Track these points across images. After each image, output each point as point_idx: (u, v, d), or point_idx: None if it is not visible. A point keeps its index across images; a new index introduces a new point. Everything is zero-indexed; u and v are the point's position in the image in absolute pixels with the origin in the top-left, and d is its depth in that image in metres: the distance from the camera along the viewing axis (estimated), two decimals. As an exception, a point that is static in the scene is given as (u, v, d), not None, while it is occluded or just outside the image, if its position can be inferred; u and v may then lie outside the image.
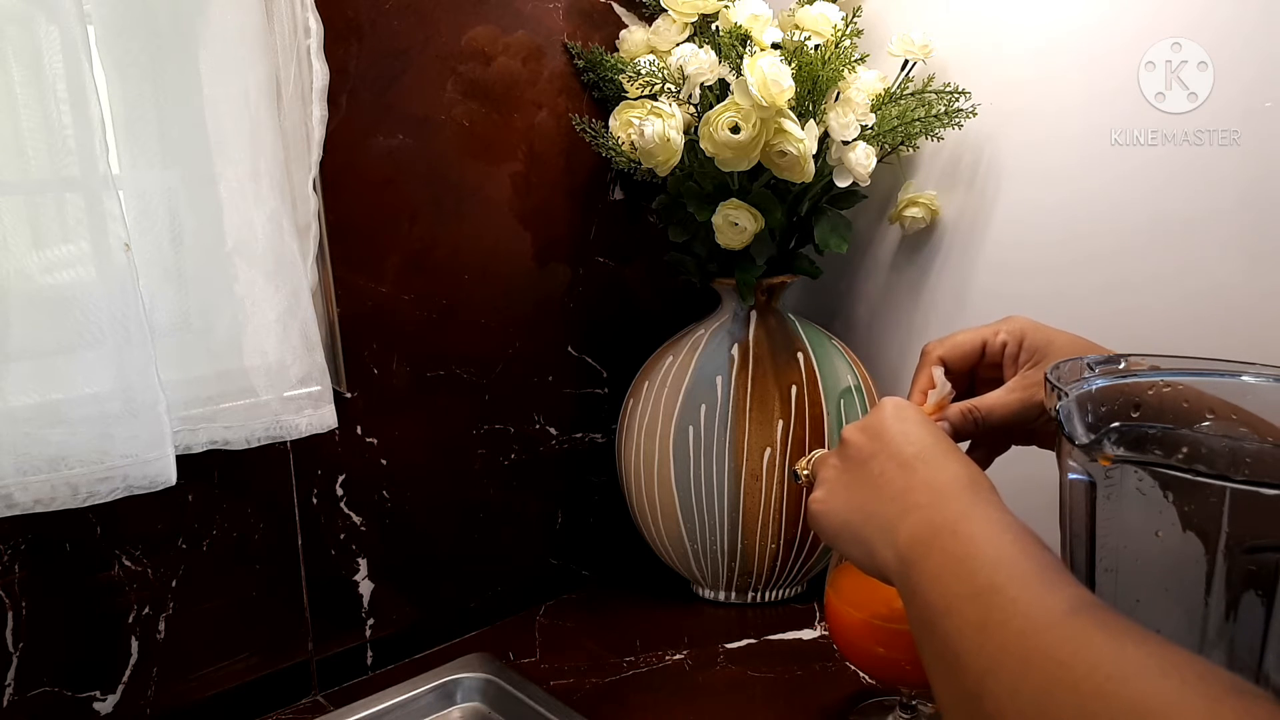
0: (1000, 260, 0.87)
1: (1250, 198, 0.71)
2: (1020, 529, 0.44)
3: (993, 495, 0.48)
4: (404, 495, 0.86)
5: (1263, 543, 0.46)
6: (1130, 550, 0.52)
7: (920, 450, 0.52)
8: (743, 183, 0.86)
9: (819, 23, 0.85)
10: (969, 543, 0.44)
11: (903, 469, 0.51)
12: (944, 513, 0.47)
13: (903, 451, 0.52)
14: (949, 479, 0.49)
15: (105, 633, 0.72)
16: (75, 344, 0.63)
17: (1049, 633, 0.37)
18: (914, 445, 0.52)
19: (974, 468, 0.51)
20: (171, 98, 0.68)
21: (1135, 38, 0.75)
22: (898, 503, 0.50)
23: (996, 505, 0.47)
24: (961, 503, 0.47)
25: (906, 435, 0.53)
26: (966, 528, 0.45)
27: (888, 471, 0.52)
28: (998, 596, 0.40)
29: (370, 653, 0.86)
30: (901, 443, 0.53)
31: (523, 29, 0.89)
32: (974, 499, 0.47)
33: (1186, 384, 0.60)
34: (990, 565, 0.42)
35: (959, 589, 0.42)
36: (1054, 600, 0.38)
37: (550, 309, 0.95)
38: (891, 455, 0.52)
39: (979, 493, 0.48)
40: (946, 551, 0.44)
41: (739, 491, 0.87)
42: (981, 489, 0.48)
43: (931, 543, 0.45)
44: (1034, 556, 0.42)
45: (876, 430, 0.55)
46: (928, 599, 0.43)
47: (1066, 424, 0.52)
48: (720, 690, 0.80)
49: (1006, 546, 0.43)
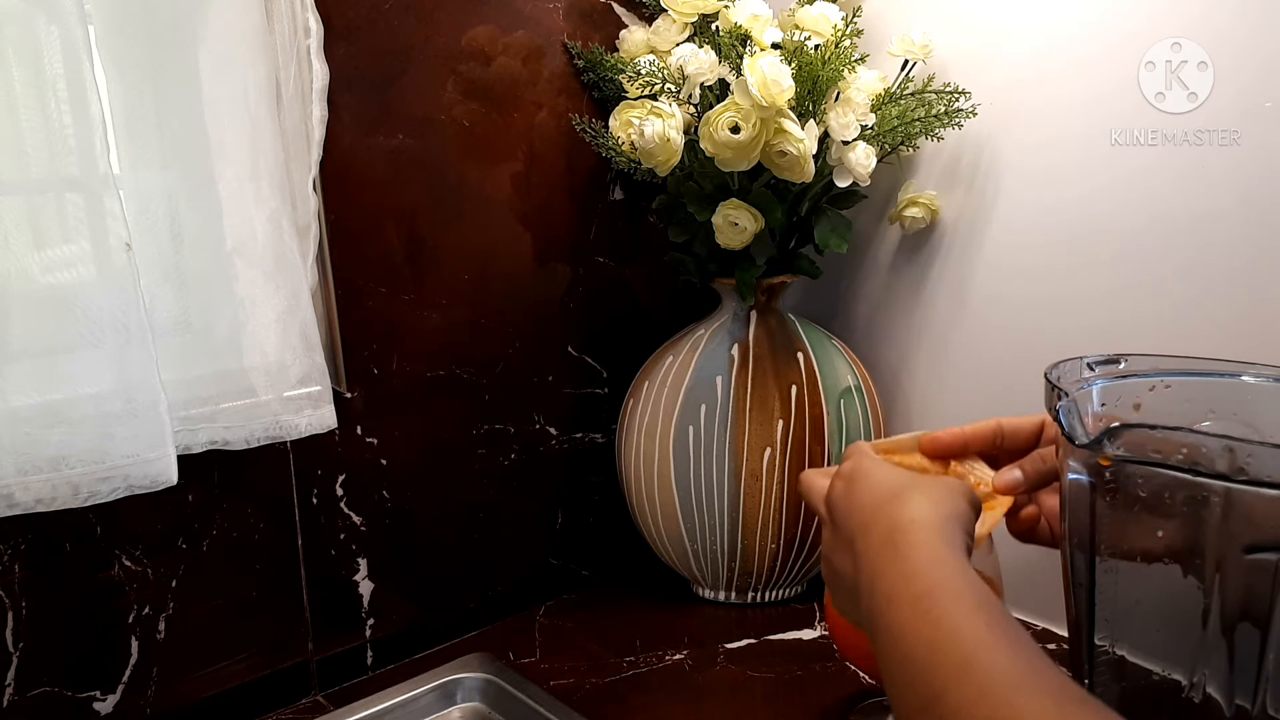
0: (1000, 260, 0.87)
1: (1250, 198, 0.71)
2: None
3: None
4: (404, 495, 0.86)
5: (1263, 543, 0.46)
6: (1130, 550, 0.52)
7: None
8: (743, 183, 0.86)
9: (819, 23, 0.85)
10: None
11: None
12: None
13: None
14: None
15: (105, 633, 0.72)
16: (76, 344, 0.63)
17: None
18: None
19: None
20: (171, 97, 0.68)
21: (1135, 38, 0.75)
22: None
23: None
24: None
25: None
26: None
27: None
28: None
29: (370, 653, 0.86)
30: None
31: (523, 29, 0.89)
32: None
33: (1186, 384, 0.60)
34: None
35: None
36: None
37: (550, 309, 0.95)
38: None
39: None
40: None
41: (739, 491, 0.87)
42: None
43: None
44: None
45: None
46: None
47: (1066, 424, 0.52)
48: (720, 690, 0.80)
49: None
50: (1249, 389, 0.58)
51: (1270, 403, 0.57)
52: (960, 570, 0.45)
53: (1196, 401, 0.59)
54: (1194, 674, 0.51)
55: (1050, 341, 0.82)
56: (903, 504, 0.49)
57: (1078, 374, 0.60)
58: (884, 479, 0.53)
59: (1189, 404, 0.59)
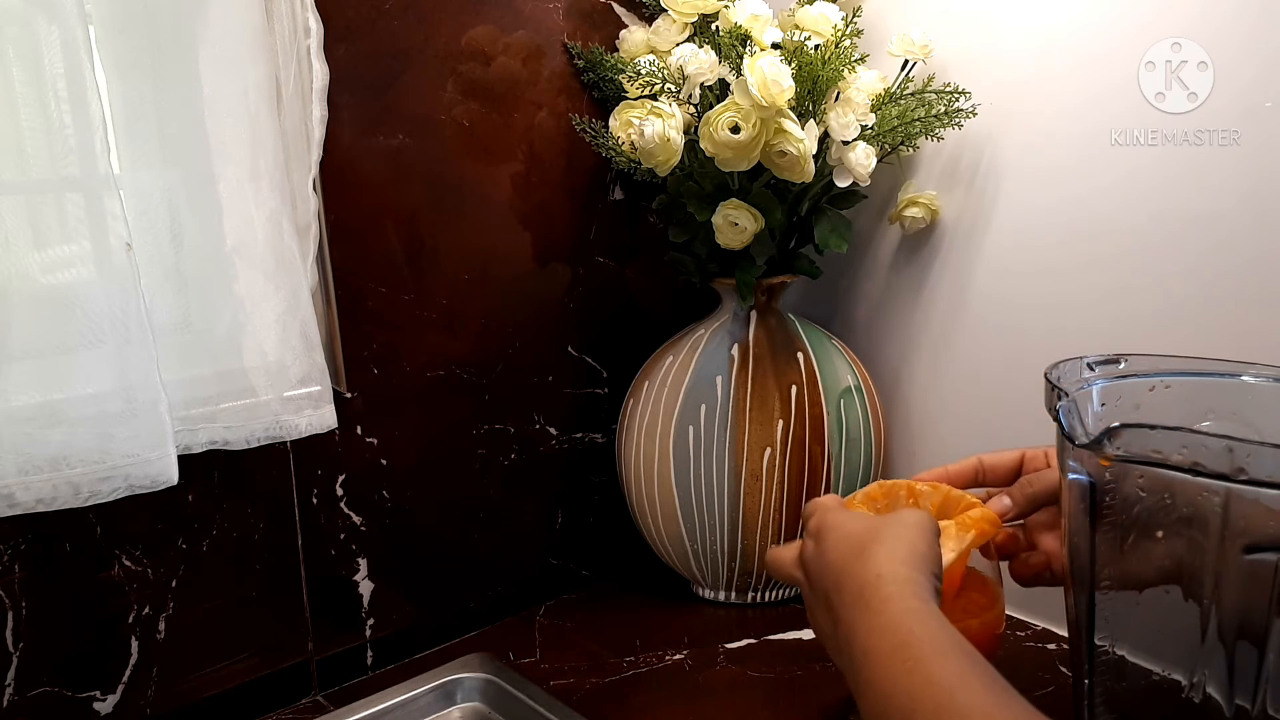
0: (1000, 260, 0.87)
1: (1250, 198, 0.71)
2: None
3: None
4: (404, 495, 0.86)
5: (1263, 543, 0.47)
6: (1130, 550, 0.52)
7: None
8: (743, 183, 0.86)
9: (819, 23, 0.85)
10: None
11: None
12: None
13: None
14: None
15: (105, 633, 0.72)
16: (76, 344, 0.63)
17: None
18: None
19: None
20: (171, 97, 0.68)
21: (1135, 38, 0.75)
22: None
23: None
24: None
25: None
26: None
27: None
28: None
29: (370, 653, 0.86)
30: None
31: (523, 29, 0.89)
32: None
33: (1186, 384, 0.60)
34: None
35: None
36: None
37: (550, 309, 0.95)
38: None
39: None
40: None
41: (739, 491, 0.87)
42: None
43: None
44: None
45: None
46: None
47: (1066, 424, 0.52)
48: (720, 690, 0.80)
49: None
50: (1249, 389, 0.58)
51: (1270, 403, 0.57)
52: (931, 616, 0.47)
53: (1196, 402, 0.59)
54: (1194, 674, 0.51)
55: (1050, 341, 0.82)
56: (867, 560, 0.52)
57: (1078, 374, 0.60)
58: (848, 533, 0.55)
59: (1189, 404, 0.59)
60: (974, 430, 0.91)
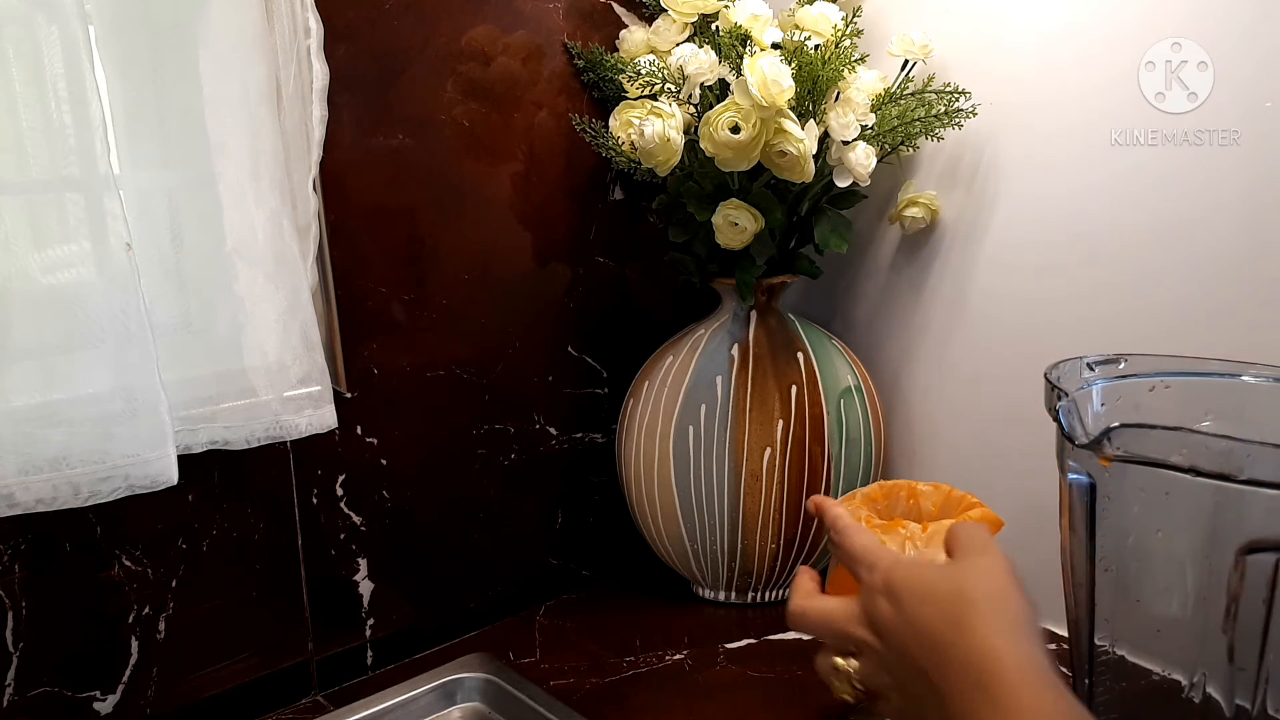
0: (1000, 260, 0.87)
1: (1250, 198, 0.71)
2: None
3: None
4: (404, 495, 0.86)
5: (1262, 543, 0.47)
6: (1130, 550, 0.52)
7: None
8: (743, 183, 0.86)
9: (819, 23, 0.85)
10: None
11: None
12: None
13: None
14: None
15: (105, 633, 0.72)
16: (76, 344, 0.63)
17: None
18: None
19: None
20: (172, 97, 0.68)
21: (1135, 38, 0.75)
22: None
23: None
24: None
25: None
26: None
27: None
28: None
29: (370, 653, 0.86)
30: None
31: (523, 29, 0.89)
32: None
33: (1186, 384, 0.60)
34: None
35: None
36: None
37: (550, 309, 0.95)
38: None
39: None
40: None
41: (739, 491, 0.87)
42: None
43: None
44: None
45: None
46: None
47: (1066, 424, 0.52)
48: (720, 690, 0.80)
49: None
50: (1249, 389, 0.58)
51: (1270, 403, 0.57)
52: (1068, 711, 0.43)
53: (1196, 402, 0.59)
54: (1194, 674, 0.51)
55: (1050, 341, 0.82)
56: (968, 631, 0.47)
57: (1078, 374, 0.60)
58: (933, 595, 0.49)
59: (1189, 404, 0.59)
60: (974, 430, 0.91)
